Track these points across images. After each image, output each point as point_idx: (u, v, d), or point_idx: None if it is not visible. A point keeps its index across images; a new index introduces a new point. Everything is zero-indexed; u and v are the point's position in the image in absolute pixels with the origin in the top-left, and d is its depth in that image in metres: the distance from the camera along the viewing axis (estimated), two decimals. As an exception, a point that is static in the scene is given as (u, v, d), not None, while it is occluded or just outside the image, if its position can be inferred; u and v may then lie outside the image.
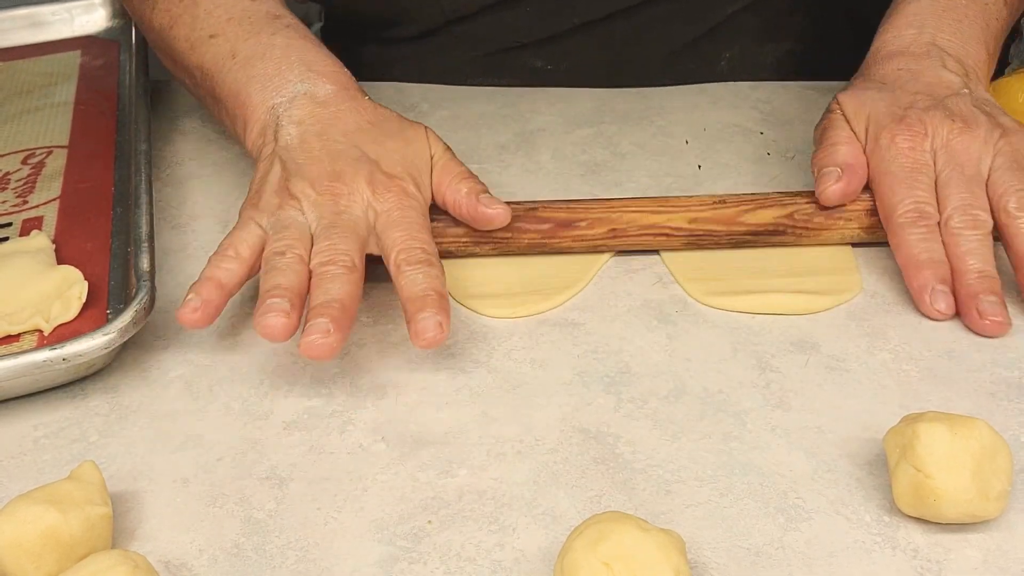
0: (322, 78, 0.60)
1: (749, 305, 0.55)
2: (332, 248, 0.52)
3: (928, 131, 0.57)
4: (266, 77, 0.60)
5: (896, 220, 0.56)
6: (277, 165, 0.57)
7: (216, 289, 0.52)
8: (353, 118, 0.59)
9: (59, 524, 0.40)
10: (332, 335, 0.48)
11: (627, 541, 0.38)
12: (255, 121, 0.60)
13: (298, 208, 0.54)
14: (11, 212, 0.63)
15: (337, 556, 0.43)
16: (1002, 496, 0.42)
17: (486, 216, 0.57)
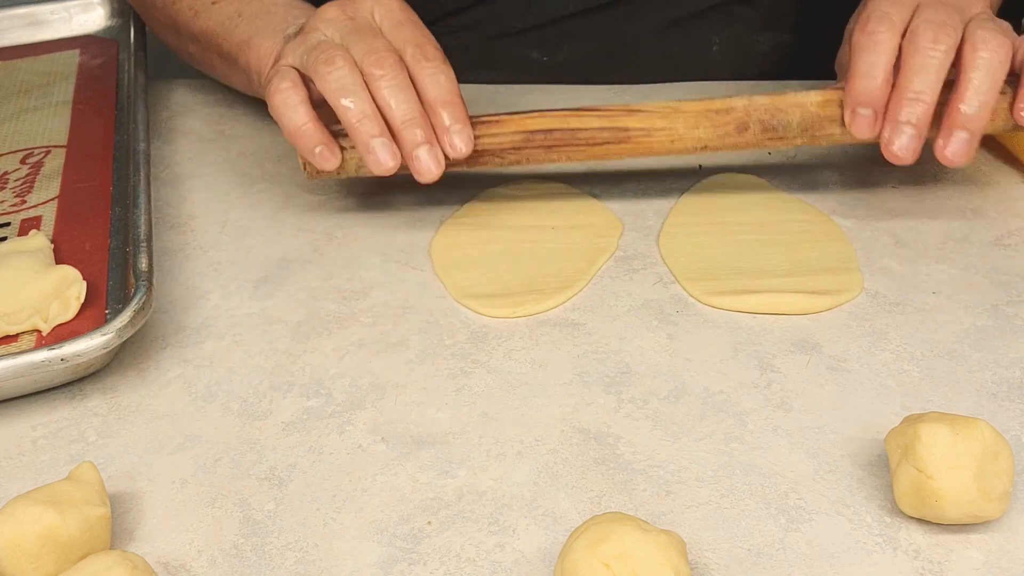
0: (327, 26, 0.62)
1: (750, 305, 0.55)
2: (372, 49, 0.55)
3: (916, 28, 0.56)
4: (274, 23, 0.63)
5: (862, 27, 0.55)
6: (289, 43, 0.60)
7: (317, 130, 0.56)
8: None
9: (57, 525, 0.40)
10: (441, 159, 0.55)
11: (628, 542, 0.38)
12: (267, 59, 0.62)
13: (317, 31, 0.58)
14: (9, 212, 0.63)
15: (336, 557, 0.43)
16: (1004, 496, 0.42)
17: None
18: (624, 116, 0.59)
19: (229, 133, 0.74)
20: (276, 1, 0.65)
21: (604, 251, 0.60)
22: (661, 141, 0.59)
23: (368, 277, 0.59)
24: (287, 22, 0.63)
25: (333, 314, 0.56)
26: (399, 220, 0.64)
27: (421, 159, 0.55)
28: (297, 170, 0.69)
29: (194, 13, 0.68)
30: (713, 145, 0.59)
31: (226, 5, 0.66)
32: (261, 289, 0.58)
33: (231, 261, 0.61)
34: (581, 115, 0.59)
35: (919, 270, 0.58)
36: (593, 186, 0.66)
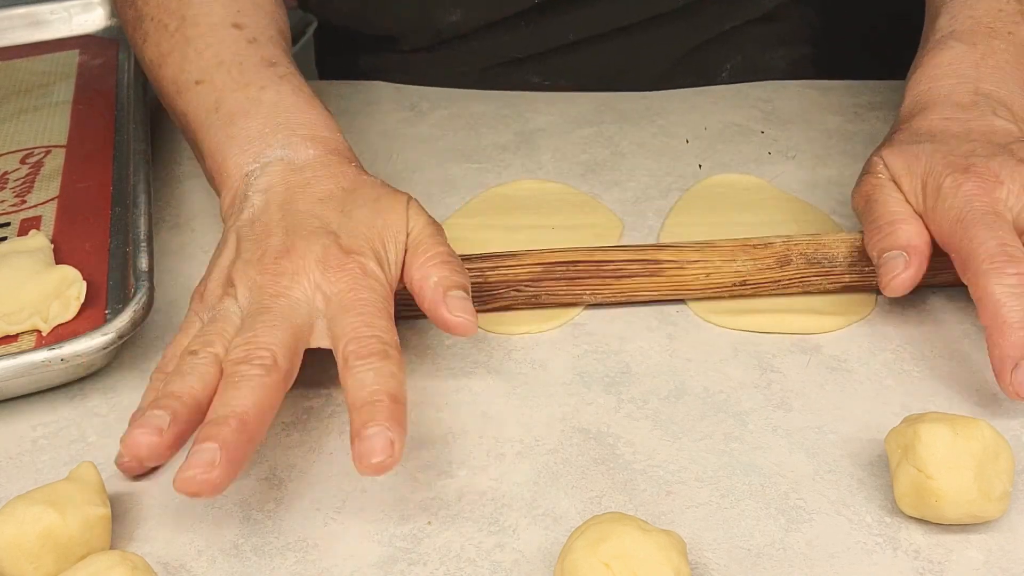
0: (306, 142, 0.54)
1: (756, 324, 0.54)
2: (252, 341, 0.44)
3: (1001, 177, 0.50)
4: (247, 140, 0.54)
5: (980, 267, 0.47)
6: (232, 244, 0.50)
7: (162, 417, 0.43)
8: (326, 184, 0.52)
9: (57, 525, 0.40)
10: (216, 469, 0.40)
11: (628, 542, 0.38)
12: (228, 189, 0.54)
13: (233, 296, 0.47)
14: (9, 212, 0.63)
15: (336, 557, 0.43)
16: (1004, 497, 0.42)
17: (445, 321, 0.48)
18: (654, 250, 0.55)
19: (229, 133, 0.74)
20: (259, 100, 0.55)
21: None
22: (696, 275, 0.54)
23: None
24: (262, 141, 0.53)
25: (333, 314, 0.56)
26: (399, 220, 0.64)
27: (186, 469, 0.40)
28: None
29: (176, 89, 0.58)
30: (753, 280, 0.54)
31: (208, 91, 0.56)
32: (261, 289, 0.58)
33: (231, 261, 0.61)
34: (607, 250, 0.55)
35: (919, 270, 0.58)
36: (593, 186, 0.66)
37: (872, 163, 0.55)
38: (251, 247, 0.49)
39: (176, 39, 0.59)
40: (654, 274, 0.54)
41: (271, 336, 0.44)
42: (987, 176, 0.50)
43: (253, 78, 0.56)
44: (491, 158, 0.70)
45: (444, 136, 0.73)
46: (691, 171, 0.67)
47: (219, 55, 0.57)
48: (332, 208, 0.50)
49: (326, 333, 0.46)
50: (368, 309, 0.46)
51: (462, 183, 0.67)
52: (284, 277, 0.47)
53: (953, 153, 0.51)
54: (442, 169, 0.69)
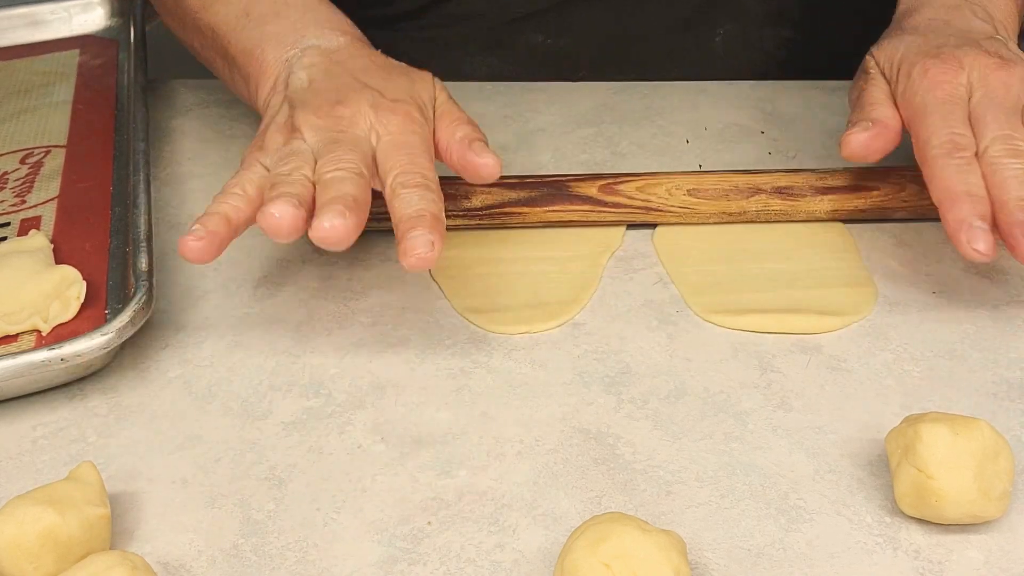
0: (336, 33, 0.60)
1: (755, 324, 0.54)
2: (336, 159, 0.50)
3: (964, 64, 0.55)
4: (281, 34, 0.59)
5: (930, 153, 0.52)
6: (285, 107, 0.56)
7: (222, 222, 0.49)
8: (361, 62, 0.58)
9: (57, 525, 0.40)
10: (348, 217, 0.47)
11: (628, 542, 0.38)
12: (268, 76, 0.59)
13: (301, 138, 0.53)
14: (9, 212, 0.63)
15: (336, 557, 0.43)
16: (1004, 496, 0.42)
17: (474, 165, 0.54)
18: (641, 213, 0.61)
19: (229, 133, 0.74)
20: (287, 1, 0.61)
21: (608, 248, 0.60)
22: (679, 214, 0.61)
23: (368, 277, 0.59)
24: (296, 34, 0.59)
25: (333, 314, 0.56)
26: (399, 220, 0.64)
27: (320, 223, 0.47)
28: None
29: (201, 5, 0.63)
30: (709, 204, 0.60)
31: (236, 1, 0.62)
32: (261, 289, 0.58)
33: (231, 261, 0.61)
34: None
35: (919, 270, 0.58)
36: (593, 186, 0.66)
37: (865, 61, 0.60)
38: (305, 103, 0.54)
39: None
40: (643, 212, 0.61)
41: (351, 155, 0.51)
42: (950, 62, 0.55)
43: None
44: (491, 158, 0.70)
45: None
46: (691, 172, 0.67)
47: None
48: (372, 76, 0.56)
49: (375, 169, 0.52)
50: (415, 150, 0.52)
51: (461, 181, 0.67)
52: (343, 119, 0.53)
53: (928, 44, 0.57)
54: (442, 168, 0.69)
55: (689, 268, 0.58)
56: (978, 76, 0.55)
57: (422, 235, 0.47)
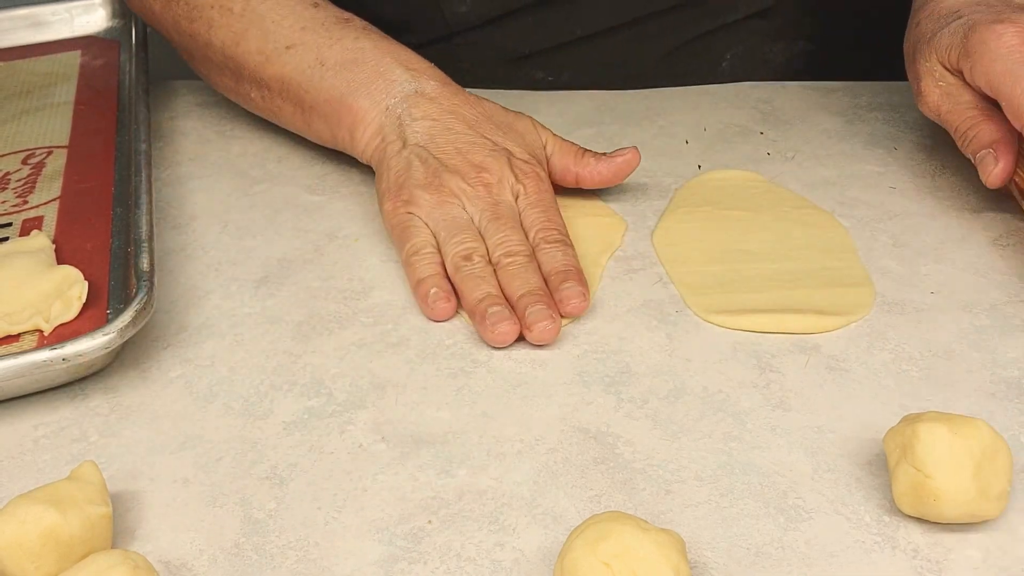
0: (423, 75, 0.62)
1: (754, 324, 0.54)
2: (507, 240, 0.56)
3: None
4: (369, 80, 0.62)
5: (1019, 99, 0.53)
6: (417, 162, 0.59)
7: (441, 280, 0.55)
8: (469, 111, 0.62)
9: (59, 524, 0.40)
10: (556, 319, 0.52)
11: (627, 541, 0.38)
12: (368, 123, 0.61)
13: (459, 204, 0.57)
14: (11, 212, 0.63)
15: (337, 556, 0.43)
16: (1002, 496, 0.42)
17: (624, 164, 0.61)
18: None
19: (230, 134, 0.74)
20: (360, 47, 0.63)
21: (608, 248, 0.60)
22: None
23: (368, 277, 0.59)
24: (384, 79, 0.62)
25: (333, 314, 0.56)
26: (400, 220, 0.64)
27: (534, 318, 0.52)
28: (298, 170, 0.69)
29: (264, 58, 0.64)
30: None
31: (303, 52, 0.63)
32: (262, 289, 0.58)
33: (232, 261, 0.61)
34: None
35: (918, 270, 0.58)
36: (593, 186, 0.66)
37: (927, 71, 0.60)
38: (444, 164, 0.58)
39: (248, 17, 0.65)
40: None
41: (518, 234, 0.56)
42: (1021, 23, 0.55)
43: (343, 33, 0.64)
44: (491, 158, 0.70)
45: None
46: (691, 171, 0.68)
47: (298, 21, 0.64)
48: (489, 130, 0.61)
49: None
50: (550, 207, 0.58)
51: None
52: (492, 187, 0.58)
53: (985, 13, 0.57)
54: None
55: (689, 268, 0.58)
56: None
57: (573, 287, 0.53)
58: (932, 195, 0.65)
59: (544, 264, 0.55)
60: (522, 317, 0.52)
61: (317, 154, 0.71)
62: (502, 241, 0.56)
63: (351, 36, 0.63)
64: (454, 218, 0.57)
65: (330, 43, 0.63)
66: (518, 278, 0.54)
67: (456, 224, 0.57)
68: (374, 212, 0.65)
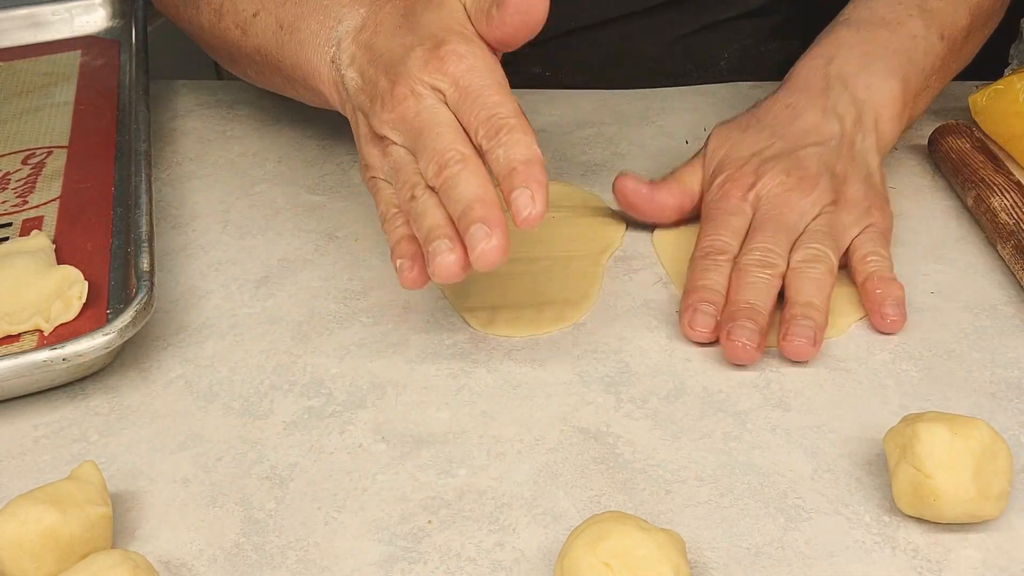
0: (355, 6, 0.57)
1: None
2: (435, 153, 0.48)
3: (759, 181, 0.57)
4: (313, 34, 0.57)
5: (694, 255, 0.56)
6: (358, 115, 0.54)
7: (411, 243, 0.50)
8: (389, 21, 0.55)
9: (59, 524, 0.40)
10: (493, 236, 0.46)
11: (627, 541, 0.38)
12: (327, 84, 0.57)
13: (393, 143, 0.51)
14: (11, 212, 0.63)
15: (337, 556, 0.43)
16: (1002, 496, 0.42)
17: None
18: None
19: (230, 133, 0.74)
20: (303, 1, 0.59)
21: (608, 248, 0.60)
22: None
23: (368, 277, 0.59)
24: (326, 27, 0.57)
25: (334, 314, 0.56)
26: (399, 220, 0.64)
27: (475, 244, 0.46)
28: (298, 170, 0.69)
29: (242, 32, 0.62)
30: None
31: (266, 17, 0.60)
32: (262, 289, 0.58)
33: (232, 261, 0.61)
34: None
35: (918, 270, 0.58)
36: (593, 186, 0.66)
37: (706, 140, 0.62)
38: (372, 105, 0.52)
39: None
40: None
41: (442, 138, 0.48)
42: (749, 177, 0.57)
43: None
44: (491, 158, 0.70)
45: (444, 137, 0.73)
46: (691, 171, 0.67)
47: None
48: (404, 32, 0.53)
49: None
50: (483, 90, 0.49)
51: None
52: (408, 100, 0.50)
53: (751, 149, 0.59)
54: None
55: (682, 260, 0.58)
56: (767, 192, 0.57)
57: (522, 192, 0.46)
58: (932, 195, 0.65)
59: (492, 165, 0.48)
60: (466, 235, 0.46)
61: (317, 154, 0.71)
62: (431, 156, 0.48)
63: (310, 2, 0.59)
64: (395, 162, 0.51)
65: (282, 2, 0.60)
66: (453, 192, 0.47)
67: (397, 167, 0.51)
68: (374, 212, 0.64)
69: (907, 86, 0.61)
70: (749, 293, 0.52)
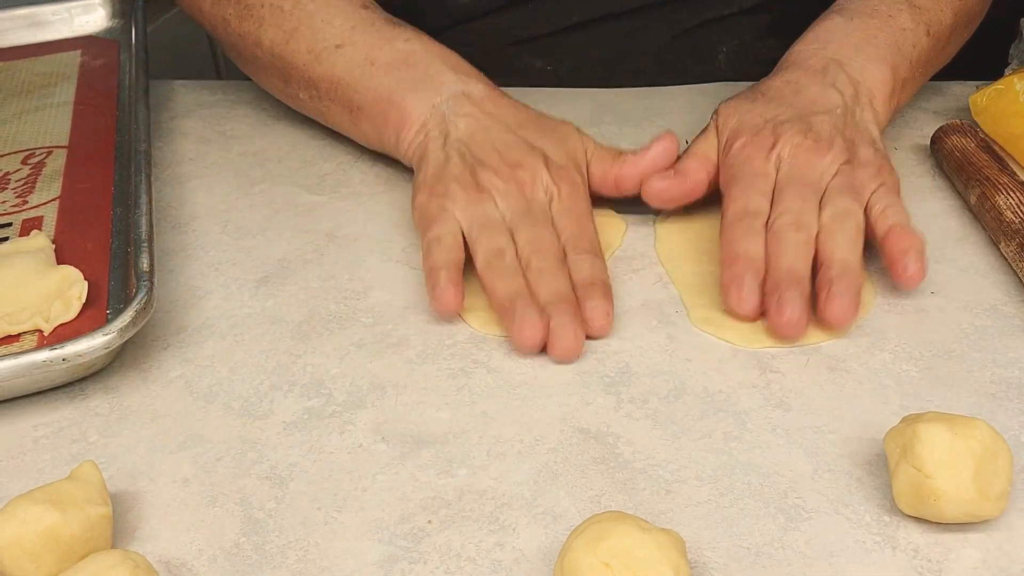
0: (471, 79, 0.63)
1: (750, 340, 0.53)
2: (538, 239, 0.55)
3: (778, 142, 0.58)
4: (418, 80, 0.63)
5: (726, 219, 0.56)
6: (456, 157, 0.59)
7: (455, 270, 0.54)
8: (512, 114, 0.62)
9: (59, 524, 0.40)
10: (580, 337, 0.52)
11: (627, 541, 0.38)
12: (414, 120, 0.62)
13: (492, 202, 0.57)
14: (11, 212, 0.63)
15: (337, 556, 0.43)
16: (1002, 496, 0.42)
17: (662, 152, 0.60)
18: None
19: (230, 134, 0.74)
20: (411, 49, 0.64)
21: (608, 248, 0.60)
22: None
23: (368, 277, 0.59)
24: (434, 80, 0.63)
25: (334, 314, 0.56)
26: (399, 220, 0.64)
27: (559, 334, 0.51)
28: (298, 170, 0.69)
29: (314, 57, 0.65)
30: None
31: (353, 51, 0.64)
32: (262, 289, 0.58)
33: (232, 261, 0.61)
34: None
35: (918, 270, 0.58)
36: (593, 186, 0.66)
37: (714, 112, 0.63)
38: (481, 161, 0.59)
39: (297, 15, 0.66)
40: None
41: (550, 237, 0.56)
42: (767, 139, 0.58)
43: (393, 34, 0.65)
44: (491, 158, 0.70)
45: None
46: (691, 171, 0.67)
47: (349, 21, 0.65)
48: (529, 132, 0.61)
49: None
50: (583, 215, 0.58)
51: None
52: (526, 186, 0.58)
53: (762, 116, 0.60)
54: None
55: (689, 268, 0.58)
56: (787, 154, 0.58)
57: (599, 305, 0.53)
58: (932, 195, 0.65)
59: (572, 274, 0.54)
60: (548, 326, 0.51)
61: (317, 154, 0.71)
62: (532, 239, 0.55)
63: (402, 38, 0.65)
64: (486, 215, 0.56)
65: (380, 43, 0.64)
66: (546, 278, 0.53)
67: (488, 221, 0.56)
68: (374, 212, 0.65)
69: (896, 73, 0.63)
70: (789, 257, 0.53)
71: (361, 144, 0.68)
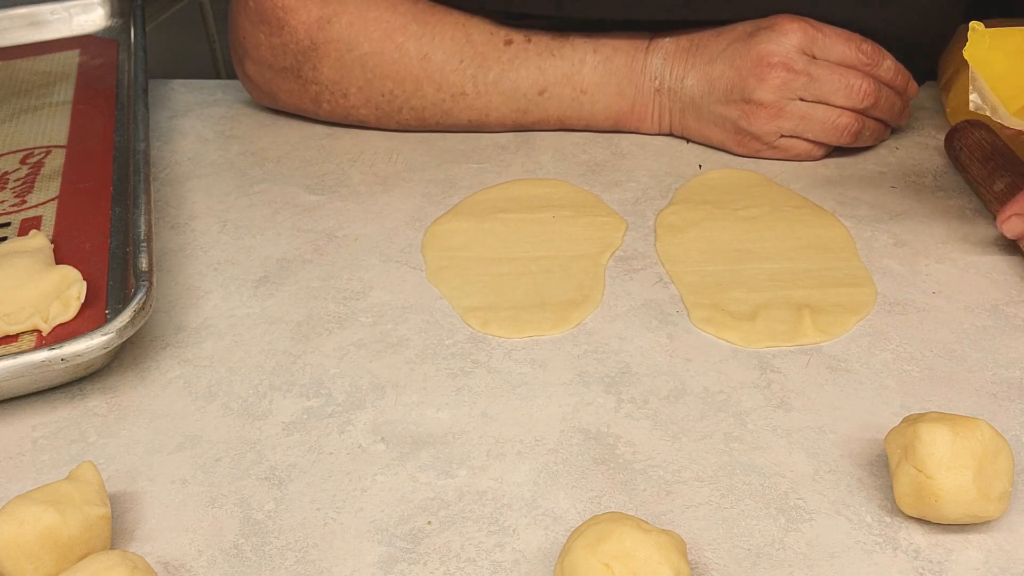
0: (661, 49, 0.69)
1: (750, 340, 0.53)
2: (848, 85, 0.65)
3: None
4: (620, 87, 0.69)
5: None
6: (720, 107, 0.67)
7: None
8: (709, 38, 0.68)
9: (58, 524, 0.40)
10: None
11: (627, 542, 0.38)
12: (653, 107, 0.70)
13: (789, 101, 0.66)
14: (10, 212, 0.63)
15: (336, 556, 0.43)
16: (1003, 497, 0.42)
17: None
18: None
19: (229, 133, 0.74)
20: (585, 60, 0.69)
21: (608, 248, 0.60)
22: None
23: (368, 277, 0.59)
24: (634, 75, 0.69)
25: (333, 314, 0.56)
26: (399, 220, 0.64)
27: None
28: (298, 170, 0.69)
29: (522, 112, 0.71)
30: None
31: (560, 89, 0.70)
32: (261, 289, 0.58)
33: (231, 261, 0.61)
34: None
35: (919, 270, 0.58)
36: (593, 186, 0.66)
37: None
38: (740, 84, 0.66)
39: (487, 92, 0.70)
40: None
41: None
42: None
43: (569, 53, 0.70)
44: (491, 158, 0.70)
45: (444, 136, 0.73)
46: (691, 171, 0.67)
47: (523, 67, 0.70)
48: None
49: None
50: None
51: (462, 183, 0.67)
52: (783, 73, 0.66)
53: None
54: (442, 169, 0.69)
55: (689, 268, 0.58)
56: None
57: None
58: (933, 195, 0.64)
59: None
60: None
61: (317, 154, 0.71)
62: (846, 91, 0.65)
63: (569, 60, 0.69)
64: (804, 110, 0.66)
65: (569, 73, 0.69)
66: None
67: (809, 114, 0.66)
68: (374, 212, 0.65)
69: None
70: None
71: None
